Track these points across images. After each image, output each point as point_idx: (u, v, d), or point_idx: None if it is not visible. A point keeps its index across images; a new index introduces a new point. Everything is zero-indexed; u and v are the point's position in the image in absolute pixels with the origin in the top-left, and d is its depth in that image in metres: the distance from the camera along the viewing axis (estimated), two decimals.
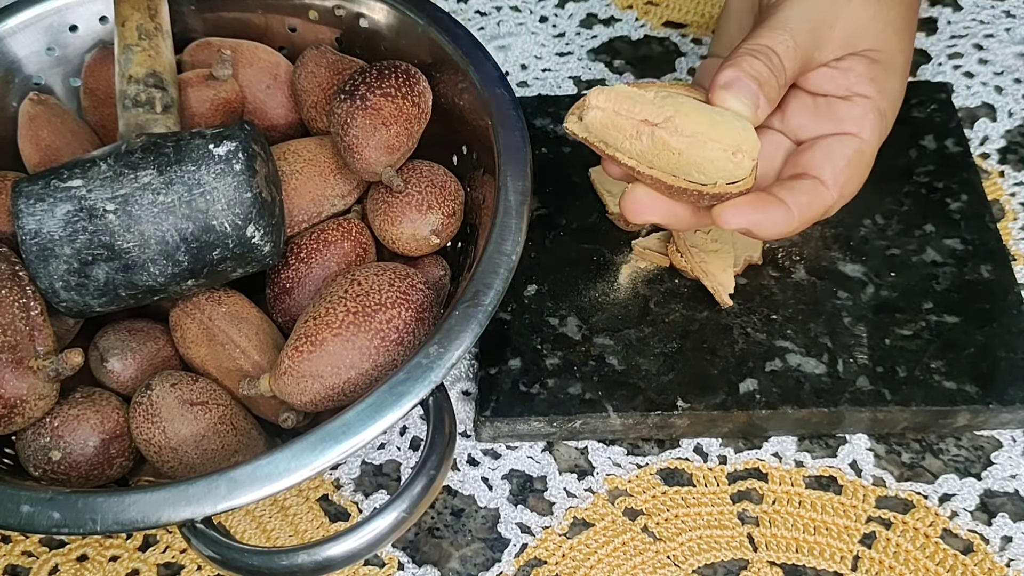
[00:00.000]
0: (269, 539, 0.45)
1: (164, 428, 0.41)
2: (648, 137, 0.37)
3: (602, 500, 0.45)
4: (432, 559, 0.44)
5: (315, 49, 0.50)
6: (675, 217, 0.40)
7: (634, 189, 0.40)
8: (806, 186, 0.40)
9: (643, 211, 0.40)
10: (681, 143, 0.37)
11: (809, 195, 0.40)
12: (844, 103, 0.42)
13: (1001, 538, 0.43)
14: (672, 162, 0.38)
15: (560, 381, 0.46)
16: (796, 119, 0.43)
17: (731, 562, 0.43)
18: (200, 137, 0.41)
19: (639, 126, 0.37)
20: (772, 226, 0.39)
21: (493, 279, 0.40)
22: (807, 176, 0.41)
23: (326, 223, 0.47)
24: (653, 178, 0.38)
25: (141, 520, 0.35)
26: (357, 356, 0.40)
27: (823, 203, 0.41)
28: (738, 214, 0.38)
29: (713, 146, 0.37)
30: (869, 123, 0.42)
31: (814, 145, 0.42)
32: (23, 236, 0.40)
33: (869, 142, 0.42)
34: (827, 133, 0.42)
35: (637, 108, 0.38)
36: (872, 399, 0.45)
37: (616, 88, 0.38)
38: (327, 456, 0.35)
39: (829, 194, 0.41)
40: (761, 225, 0.39)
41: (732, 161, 0.37)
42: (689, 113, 0.37)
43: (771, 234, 0.40)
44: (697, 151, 0.37)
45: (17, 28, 0.51)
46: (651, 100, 0.38)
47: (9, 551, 0.45)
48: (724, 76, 0.39)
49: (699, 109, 0.37)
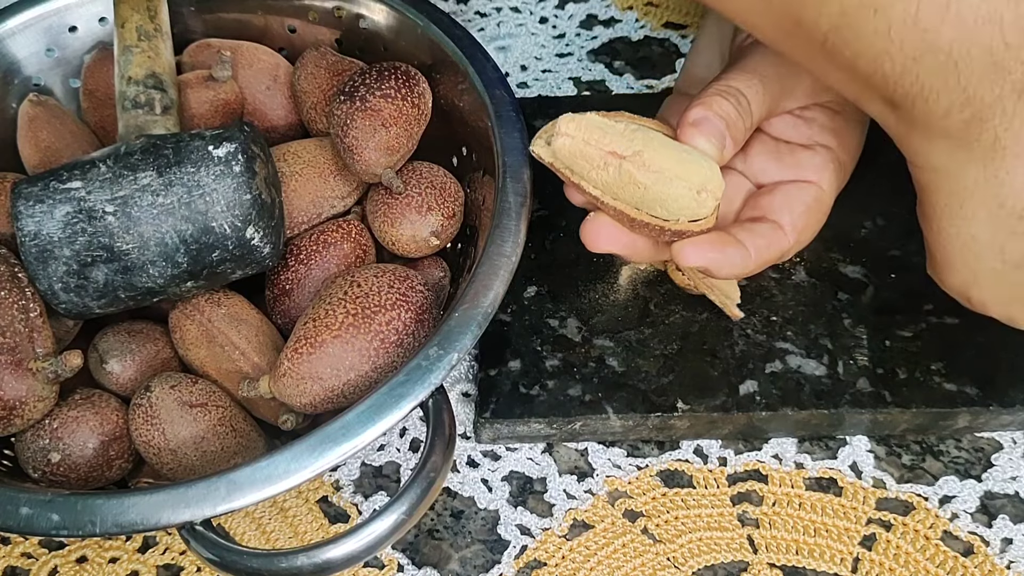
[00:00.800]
0: (269, 541, 0.45)
1: (163, 430, 0.41)
2: (615, 169, 0.38)
3: (602, 502, 0.45)
4: (432, 561, 0.44)
5: (315, 50, 0.50)
6: (634, 249, 0.41)
7: (596, 218, 0.40)
8: (765, 230, 0.41)
9: (603, 241, 0.40)
10: (648, 178, 0.37)
11: (767, 239, 0.41)
12: (806, 151, 0.43)
13: (1001, 540, 0.43)
14: (637, 196, 0.38)
15: (560, 383, 0.46)
16: (758, 162, 0.44)
17: (731, 564, 0.43)
18: (200, 138, 0.41)
19: (607, 157, 0.38)
20: (729, 266, 0.40)
21: (493, 281, 0.40)
22: (766, 220, 0.42)
23: (326, 224, 0.47)
24: (616, 210, 0.39)
25: (140, 522, 0.35)
26: (357, 358, 0.40)
27: (780, 247, 0.41)
28: (697, 252, 0.39)
29: (679, 183, 0.37)
30: (829, 173, 0.43)
31: (774, 190, 0.43)
32: (22, 238, 0.40)
33: (827, 192, 0.43)
34: (788, 179, 0.43)
35: (607, 139, 0.38)
36: (872, 401, 0.45)
37: (587, 117, 0.38)
38: (327, 458, 0.35)
39: (787, 239, 0.41)
40: (719, 264, 0.40)
41: (696, 200, 0.37)
42: (658, 149, 0.37)
43: (727, 274, 0.40)
44: (662, 187, 0.37)
45: (17, 29, 0.51)
46: (621, 132, 0.38)
47: (8, 553, 0.45)
48: (693, 114, 0.39)
49: (667, 145, 0.38)
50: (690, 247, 0.39)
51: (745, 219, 0.43)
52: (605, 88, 0.61)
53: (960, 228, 0.37)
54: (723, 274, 0.40)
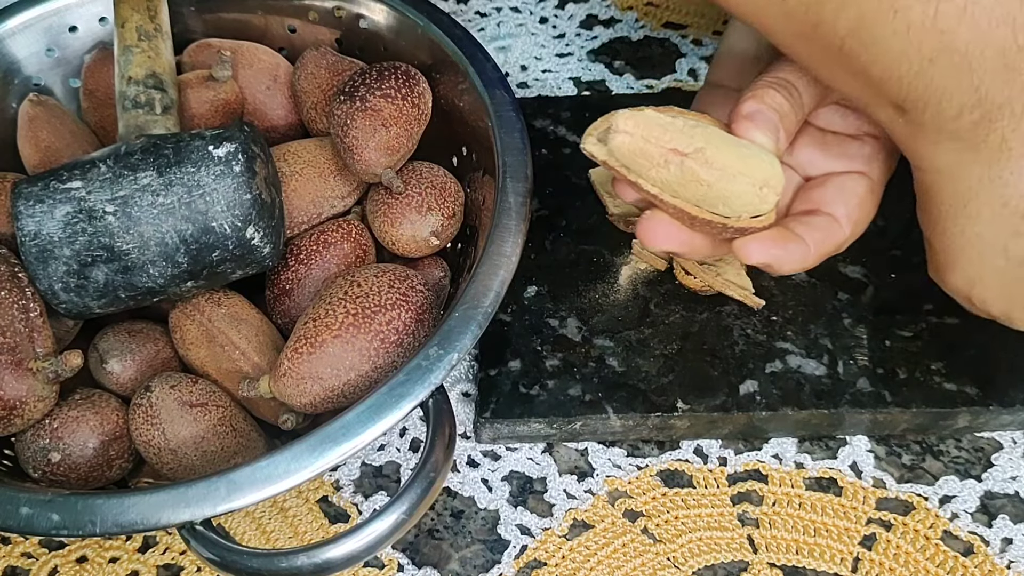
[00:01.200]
0: (269, 541, 0.45)
1: (163, 430, 0.41)
2: (677, 167, 0.37)
3: (602, 502, 0.45)
4: (432, 561, 0.44)
5: (315, 50, 0.50)
6: (692, 247, 0.40)
7: (653, 216, 0.39)
8: (821, 223, 0.41)
9: (661, 239, 0.39)
10: (711, 175, 0.36)
11: (824, 232, 0.40)
12: (854, 142, 0.42)
13: (1001, 540, 0.43)
14: (699, 193, 0.37)
15: (560, 382, 0.46)
16: (805, 154, 0.43)
17: (731, 564, 0.43)
18: (200, 138, 0.41)
19: (668, 154, 0.37)
20: (791, 262, 0.39)
21: (493, 280, 0.40)
22: (821, 213, 0.41)
23: (326, 224, 0.47)
24: (676, 207, 0.38)
25: (140, 522, 0.35)
26: (357, 358, 0.40)
27: (836, 240, 0.41)
28: (761, 248, 0.38)
29: (742, 180, 0.36)
30: (878, 163, 0.42)
31: (826, 182, 0.42)
32: (22, 237, 0.40)
33: (877, 182, 0.42)
34: (837, 171, 0.42)
35: (667, 136, 0.37)
36: (872, 400, 0.45)
37: (645, 113, 0.37)
38: (327, 458, 0.35)
39: (843, 231, 0.41)
40: (781, 260, 0.39)
41: (758, 196, 0.37)
42: (719, 145, 0.37)
43: (789, 269, 0.40)
44: (726, 184, 0.36)
45: (17, 29, 0.51)
46: (681, 128, 0.37)
47: (8, 553, 0.45)
48: (746, 107, 0.38)
49: (728, 141, 0.37)
50: (754, 244, 0.38)
51: (799, 212, 0.42)
52: (605, 88, 0.61)
53: (964, 228, 0.37)
54: (784, 270, 0.40)
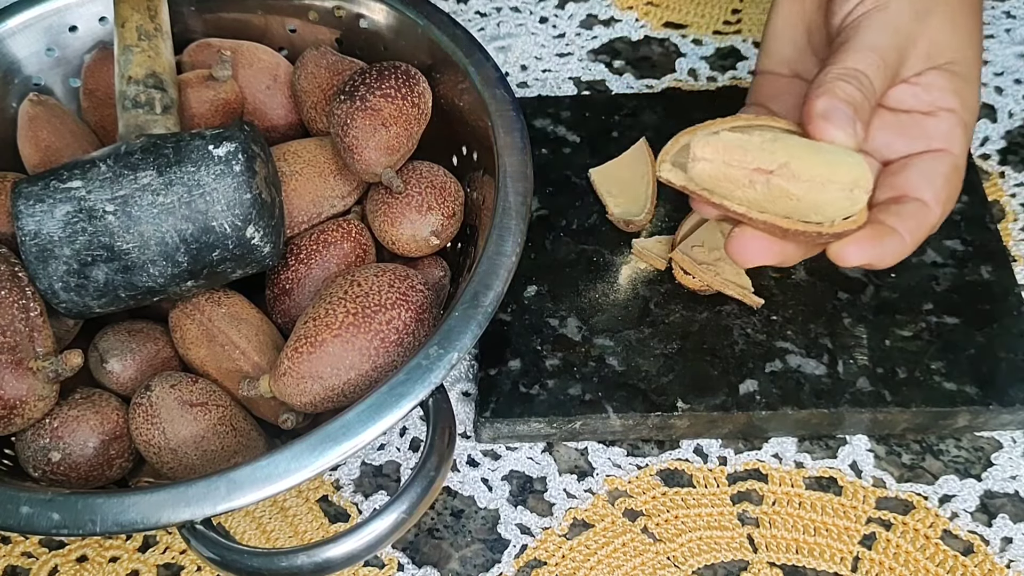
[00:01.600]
0: (269, 540, 0.45)
1: (164, 429, 0.41)
2: (763, 185, 0.36)
3: (602, 501, 0.45)
4: (432, 560, 0.44)
5: (315, 50, 0.50)
6: (784, 257, 0.40)
7: (743, 233, 0.39)
8: (912, 210, 0.40)
9: (753, 255, 0.39)
10: (800, 188, 0.36)
11: (916, 219, 0.40)
12: (930, 119, 0.41)
13: (1001, 539, 0.43)
14: (789, 207, 0.37)
15: (560, 382, 0.46)
16: (881, 137, 0.42)
17: (731, 563, 0.43)
18: (200, 138, 0.41)
19: (752, 175, 0.36)
20: (891, 257, 0.39)
21: (493, 280, 0.40)
22: (908, 198, 0.40)
23: (326, 224, 0.47)
24: (767, 223, 0.37)
25: (141, 521, 0.35)
26: (357, 357, 0.40)
27: (930, 223, 0.40)
28: (859, 251, 0.38)
29: (831, 187, 0.36)
30: (958, 137, 0.41)
31: (908, 165, 0.41)
32: (23, 237, 0.40)
33: (960, 156, 0.41)
34: (917, 151, 0.41)
35: (748, 157, 0.36)
36: (872, 400, 0.45)
37: (721, 137, 0.37)
38: (327, 457, 0.35)
39: (934, 213, 0.40)
40: (881, 257, 0.39)
41: (850, 199, 0.36)
42: (802, 156, 0.36)
43: (888, 263, 0.39)
44: (816, 195, 0.36)
45: (17, 29, 0.51)
46: (759, 146, 0.36)
47: (9, 552, 0.45)
48: (819, 105, 0.37)
49: (810, 149, 0.36)
50: (852, 247, 0.38)
51: (885, 201, 0.41)
52: (605, 88, 0.61)
53: None
54: (884, 265, 0.39)
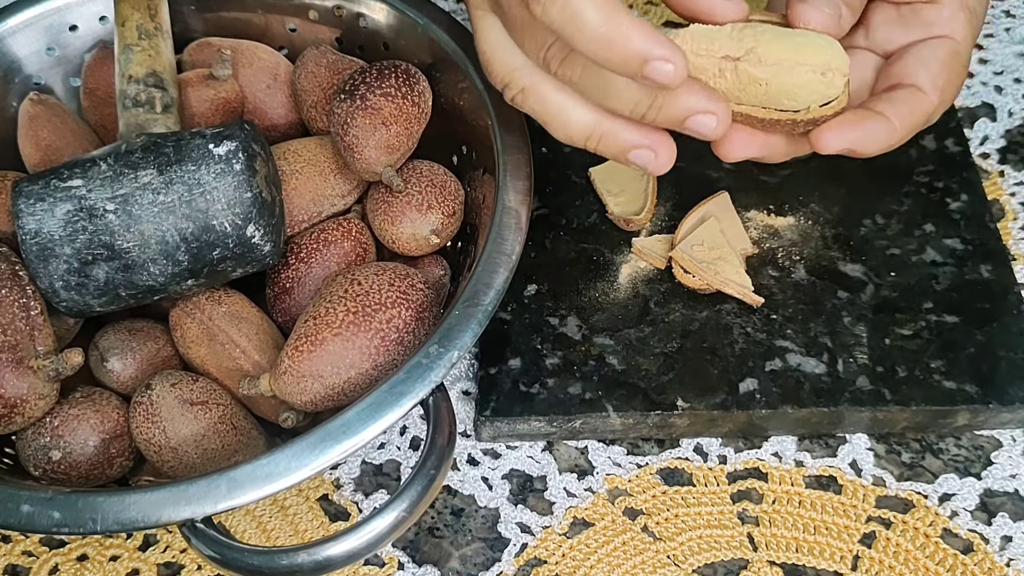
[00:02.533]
0: (269, 539, 0.45)
1: (164, 428, 0.41)
2: (732, 73, 0.36)
3: (602, 500, 0.45)
4: (432, 559, 0.44)
5: (315, 49, 0.50)
6: (771, 150, 0.39)
7: None
8: (904, 95, 0.39)
9: (737, 149, 0.38)
10: (767, 72, 0.36)
11: (908, 104, 0.39)
12: (930, 7, 0.40)
13: (1001, 538, 0.43)
14: (760, 94, 0.36)
15: (560, 381, 0.46)
16: (882, 32, 0.41)
17: (731, 562, 0.43)
18: (200, 137, 0.41)
19: (721, 63, 0.36)
20: (875, 141, 0.38)
21: (493, 279, 0.40)
22: (903, 85, 0.39)
23: (326, 223, 0.47)
24: (743, 114, 0.37)
25: (141, 520, 0.35)
26: (357, 356, 0.40)
27: (924, 109, 0.39)
28: (837, 135, 0.37)
29: (800, 69, 0.35)
30: (960, 23, 0.40)
31: (905, 53, 0.40)
32: (23, 236, 0.40)
33: (962, 43, 0.40)
34: (917, 40, 0.40)
35: (716, 45, 0.36)
36: (872, 399, 0.45)
37: (690, 28, 0.37)
38: (327, 456, 0.35)
39: (929, 99, 0.39)
40: (864, 142, 0.37)
41: (823, 82, 0.36)
42: (770, 41, 0.36)
43: (874, 149, 0.38)
44: (785, 78, 0.36)
45: (17, 28, 0.51)
46: (728, 34, 0.36)
47: (9, 551, 0.45)
48: None
49: (780, 34, 0.36)
50: (829, 132, 0.37)
51: (881, 91, 0.40)
52: None
53: None
54: (869, 151, 0.38)
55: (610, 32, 0.33)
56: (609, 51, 0.33)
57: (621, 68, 0.34)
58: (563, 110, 0.37)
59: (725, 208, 0.50)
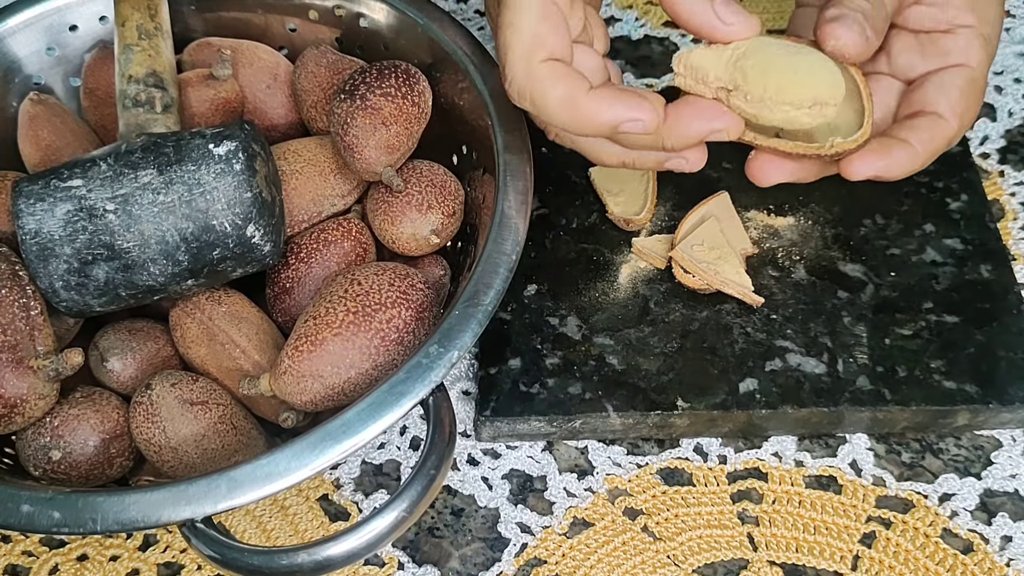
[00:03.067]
0: (269, 539, 0.45)
1: (164, 428, 0.41)
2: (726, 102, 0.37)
3: (602, 500, 0.45)
4: (432, 559, 0.44)
5: (315, 49, 0.50)
6: (804, 173, 0.41)
7: (756, 156, 0.41)
8: (925, 123, 0.41)
9: (771, 175, 0.41)
10: (753, 107, 0.37)
11: (930, 131, 0.41)
12: (947, 36, 0.42)
13: (1001, 538, 0.43)
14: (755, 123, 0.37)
15: (560, 381, 0.46)
16: (902, 59, 0.43)
17: (731, 561, 0.43)
18: (200, 137, 0.41)
19: (719, 93, 0.37)
20: (899, 167, 0.40)
21: (493, 279, 0.40)
22: (924, 113, 0.41)
23: (326, 223, 0.47)
24: (772, 148, 0.39)
25: (141, 520, 0.35)
26: (357, 356, 0.40)
27: (945, 135, 0.41)
28: (865, 164, 0.39)
29: (783, 108, 0.36)
30: (976, 50, 0.42)
31: (925, 81, 0.42)
32: (23, 236, 0.40)
33: (978, 70, 0.42)
34: (935, 68, 0.42)
35: (711, 76, 0.37)
36: (872, 399, 0.45)
37: (692, 54, 0.37)
38: (327, 456, 0.35)
39: (949, 125, 0.41)
40: (890, 169, 0.40)
41: (809, 115, 0.37)
42: (757, 77, 0.37)
43: (899, 174, 0.40)
44: (767, 115, 0.37)
45: (17, 28, 0.51)
46: (726, 62, 0.37)
47: (9, 551, 0.45)
48: (829, 13, 0.39)
49: (771, 65, 0.37)
50: (858, 162, 0.39)
51: (903, 118, 0.42)
52: None
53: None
54: (895, 176, 0.40)
55: (576, 118, 0.38)
56: (585, 129, 0.39)
57: (603, 136, 0.39)
58: (594, 149, 0.42)
59: (725, 208, 0.50)
